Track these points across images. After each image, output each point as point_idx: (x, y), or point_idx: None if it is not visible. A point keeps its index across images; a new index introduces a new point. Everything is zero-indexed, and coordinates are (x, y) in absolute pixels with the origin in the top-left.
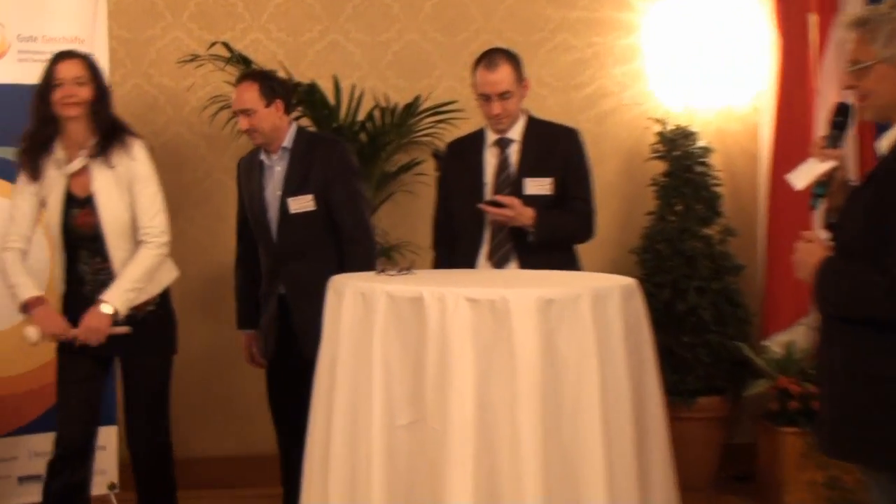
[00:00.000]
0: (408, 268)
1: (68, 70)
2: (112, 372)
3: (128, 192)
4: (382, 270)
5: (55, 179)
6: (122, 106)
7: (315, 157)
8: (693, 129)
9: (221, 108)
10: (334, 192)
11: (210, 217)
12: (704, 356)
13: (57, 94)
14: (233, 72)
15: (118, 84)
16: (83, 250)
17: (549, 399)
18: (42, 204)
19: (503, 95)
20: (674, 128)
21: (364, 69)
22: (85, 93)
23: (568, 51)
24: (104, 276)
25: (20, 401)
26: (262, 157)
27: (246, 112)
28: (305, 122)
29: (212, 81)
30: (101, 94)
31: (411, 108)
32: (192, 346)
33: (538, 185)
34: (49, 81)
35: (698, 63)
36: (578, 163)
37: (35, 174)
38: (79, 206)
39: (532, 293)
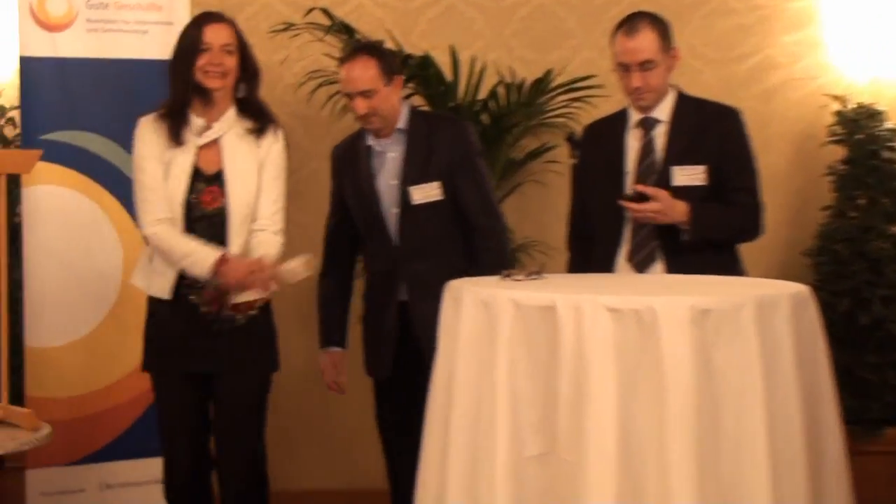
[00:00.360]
0: (537, 271)
1: (217, 35)
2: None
3: (258, 175)
4: (508, 274)
5: (183, 150)
6: None
7: (436, 139)
8: (880, 107)
9: (320, 86)
10: (461, 177)
11: (307, 212)
12: (893, 378)
13: (202, 61)
14: (333, 42)
15: None
16: (200, 231)
17: (704, 427)
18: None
19: (644, 65)
20: (856, 106)
21: (486, 38)
22: (231, 62)
23: (728, 15)
24: None
25: (88, 425)
26: (371, 141)
27: (365, 94)
28: (417, 100)
29: (309, 54)
30: (247, 65)
31: (542, 85)
32: (285, 364)
33: (689, 175)
34: (195, 45)
35: (887, 28)
36: (739, 148)
37: (178, 140)
38: (204, 182)
39: (684, 301)
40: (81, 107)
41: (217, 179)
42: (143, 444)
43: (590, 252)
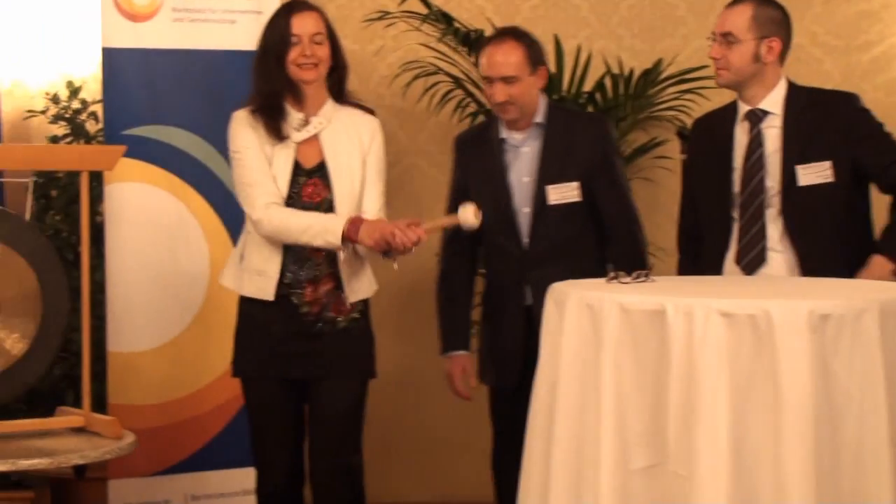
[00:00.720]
0: (645, 273)
1: (305, 24)
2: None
3: (361, 168)
4: (614, 277)
5: (283, 145)
6: None
7: (576, 136)
8: None
9: (416, 77)
10: (600, 179)
11: (402, 210)
12: None
13: (294, 54)
14: (430, 32)
15: None
16: None
17: (823, 441)
18: None
19: (727, 37)
20: None
21: (592, 27)
22: (324, 53)
23: (851, 1)
24: (314, 265)
25: (173, 434)
26: (504, 133)
27: (507, 80)
28: None
29: (404, 44)
30: (338, 55)
31: (651, 76)
32: (382, 371)
33: (815, 173)
34: (285, 38)
35: None
36: (870, 127)
37: (278, 135)
38: (305, 176)
39: (802, 306)
40: (166, 100)
41: (318, 172)
42: (231, 454)
43: (699, 254)
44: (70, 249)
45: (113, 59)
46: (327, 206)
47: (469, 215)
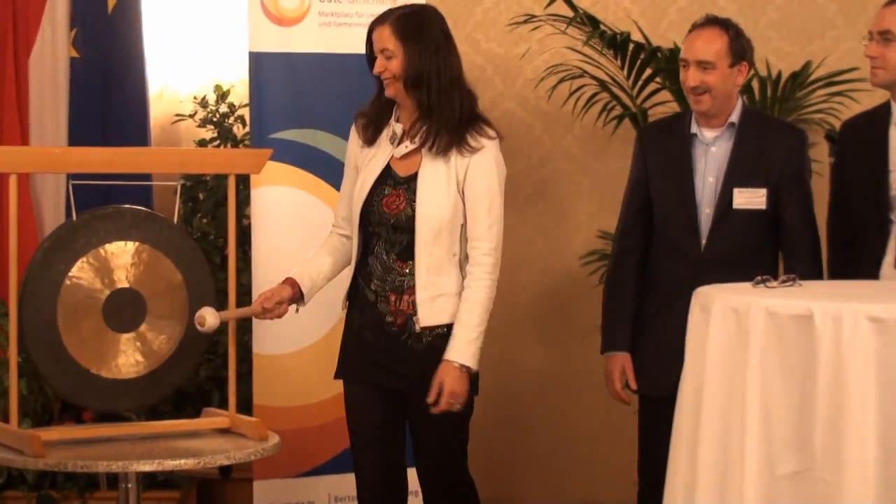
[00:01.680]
0: (792, 278)
1: (377, 39)
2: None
3: (458, 191)
4: (761, 281)
5: (378, 150)
6: None
7: (770, 143)
8: None
9: (562, 80)
10: (788, 192)
11: (547, 214)
12: None
13: (374, 69)
14: (576, 35)
15: None
16: (381, 240)
17: None
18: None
19: (885, 35)
20: None
21: None
22: (394, 67)
23: None
24: (395, 278)
25: (317, 435)
26: (695, 129)
27: (702, 65)
28: (664, 96)
29: (550, 47)
30: (413, 70)
31: (799, 78)
32: (521, 372)
33: None
34: (369, 52)
35: None
36: None
37: (368, 140)
38: (393, 185)
39: None
40: (311, 104)
41: (406, 184)
42: None
43: (850, 258)
44: (217, 252)
45: (260, 64)
46: (405, 220)
47: (207, 319)
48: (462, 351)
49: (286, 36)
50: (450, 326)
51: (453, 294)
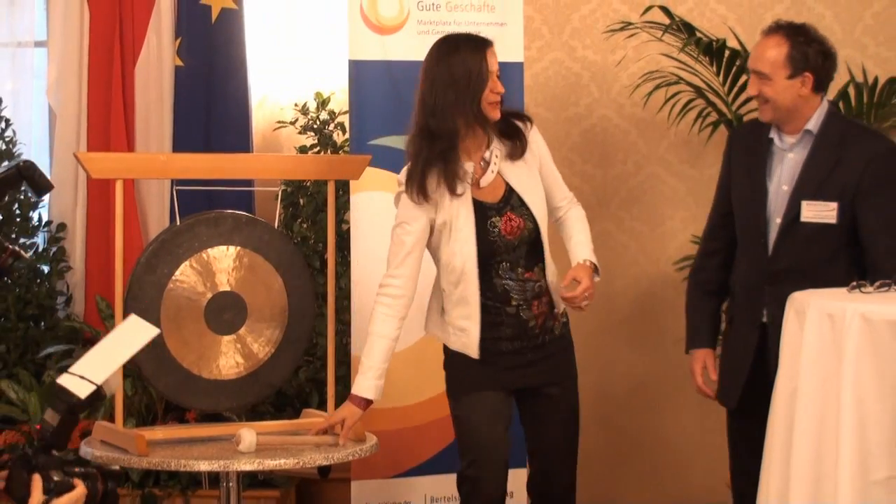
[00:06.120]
0: (888, 283)
1: (495, 60)
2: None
3: (539, 179)
4: (856, 286)
5: (446, 199)
6: (540, 85)
7: (848, 151)
8: None
9: (657, 87)
10: (865, 204)
11: (641, 220)
12: None
13: (487, 90)
14: (672, 42)
15: (534, 59)
16: (502, 264)
17: None
18: (430, 232)
19: (759, 75)
20: None
21: (837, 35)
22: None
23: None
24: (532, 285)
25: (413, 436)
26: (773, 134)
27: (760, 75)
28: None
29: (646, 54)
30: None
31: None
32: (613, 376)
33: None
34: (482, 74)
35: None
36: None
37: (424, 195)
38: (496, 213)
39: None
40: (409, 111)
41: (507, 206)
42: None
43: None
44: (317, 256)
45: (359, 71)
46: (529, 235)
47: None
48: (591, 253)
49: (385, 44)
50: (567, 318)
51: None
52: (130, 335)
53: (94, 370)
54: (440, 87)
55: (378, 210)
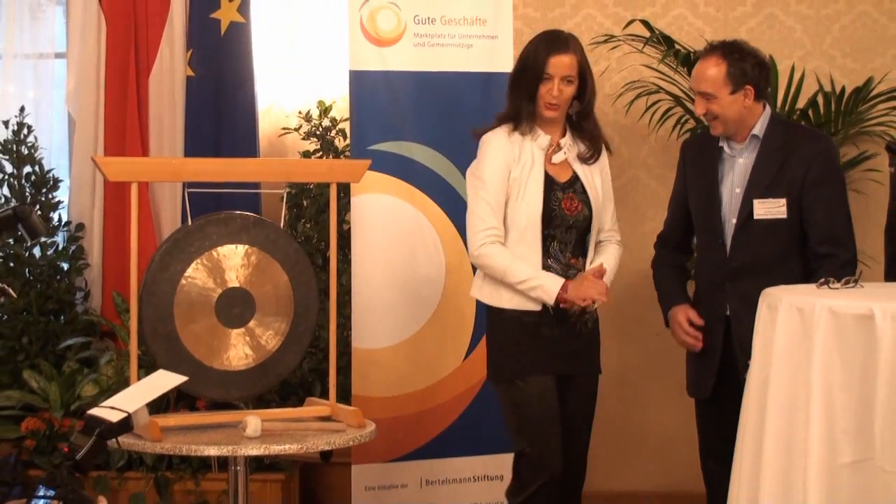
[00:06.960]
0: (855, 280)
1: (560, 66)
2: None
3: (601, 186)
4: (825, 282)
5: (531, 160)
6: None
7: (791, 151)
8: None
9: (639, 96)
10: (810, 198)
11: (624, 220)
12: None
13: (543, 90)
14: (652, 53)
15: None
16: (555, 242)
17: None
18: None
19: (704, 95)
20: None
21: (806, 47)
22: (570, 92)
23: None
24: (574, 273)
25: (410, 424)
26: (723, 143)
27: (705, 95)
28: None
29: (628, 65)
30: (585, 88)
31: (861, 93)
32: (607, 369)
33: None
34: (539, 73)
35: None
36: None
37: (531, 154)
38: (561, 190)
39: None
40: (407, 118)
41: (571, 188)
42: (462, 443)
43: None
44: (319, 255)
45: (360, 81)
46: (583, 221)
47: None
48: (611, 272)
49: (384, 55)
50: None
51: None
52: (159, 381)
53: (124, 403)
54: (514, 68)
55: (377, 211)
